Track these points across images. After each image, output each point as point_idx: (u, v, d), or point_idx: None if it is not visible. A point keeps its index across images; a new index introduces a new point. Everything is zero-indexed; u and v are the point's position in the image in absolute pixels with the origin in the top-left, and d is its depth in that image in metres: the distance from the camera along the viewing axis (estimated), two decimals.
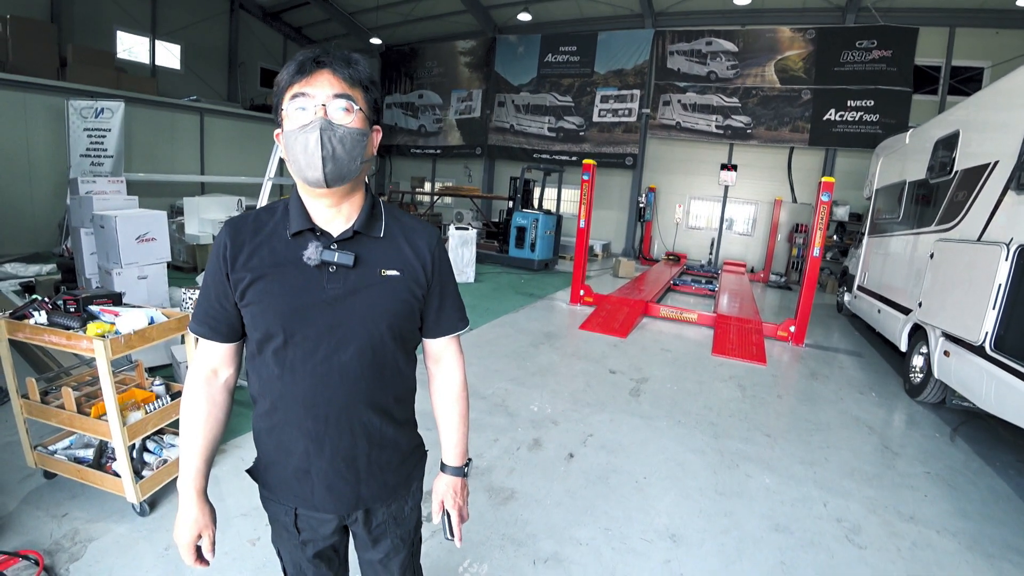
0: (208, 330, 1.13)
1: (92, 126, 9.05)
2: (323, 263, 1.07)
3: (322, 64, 1.02)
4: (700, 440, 3.75)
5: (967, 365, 3.91)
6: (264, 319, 1.07)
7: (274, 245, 1.09)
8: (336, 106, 1.02)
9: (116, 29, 12.50)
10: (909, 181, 6.06)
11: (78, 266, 5.43)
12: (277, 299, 1.06)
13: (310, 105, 1.01)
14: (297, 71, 1.02)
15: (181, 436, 1.15)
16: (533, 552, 2.45)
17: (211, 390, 1.16)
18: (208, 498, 1.17)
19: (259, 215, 1.14)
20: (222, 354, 1.16)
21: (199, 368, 1.16)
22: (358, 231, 1.10)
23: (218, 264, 1.09)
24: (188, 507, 1.12)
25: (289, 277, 1.07)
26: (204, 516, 1.14)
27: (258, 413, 1.17)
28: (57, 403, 2.60)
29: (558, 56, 14.27)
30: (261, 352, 1.10)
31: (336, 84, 1.02)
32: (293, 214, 1.10)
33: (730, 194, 13.13)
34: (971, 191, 4.39)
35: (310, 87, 1.01)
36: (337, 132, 1.01)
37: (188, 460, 1.13)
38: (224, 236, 1.10)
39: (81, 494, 2.62)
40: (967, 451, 3.95)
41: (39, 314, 2.52)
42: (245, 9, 15.40)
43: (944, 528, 2.92)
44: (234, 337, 1.15)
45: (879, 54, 10.84)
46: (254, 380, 1.15)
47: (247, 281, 1.07)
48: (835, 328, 7.83)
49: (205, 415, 1.14)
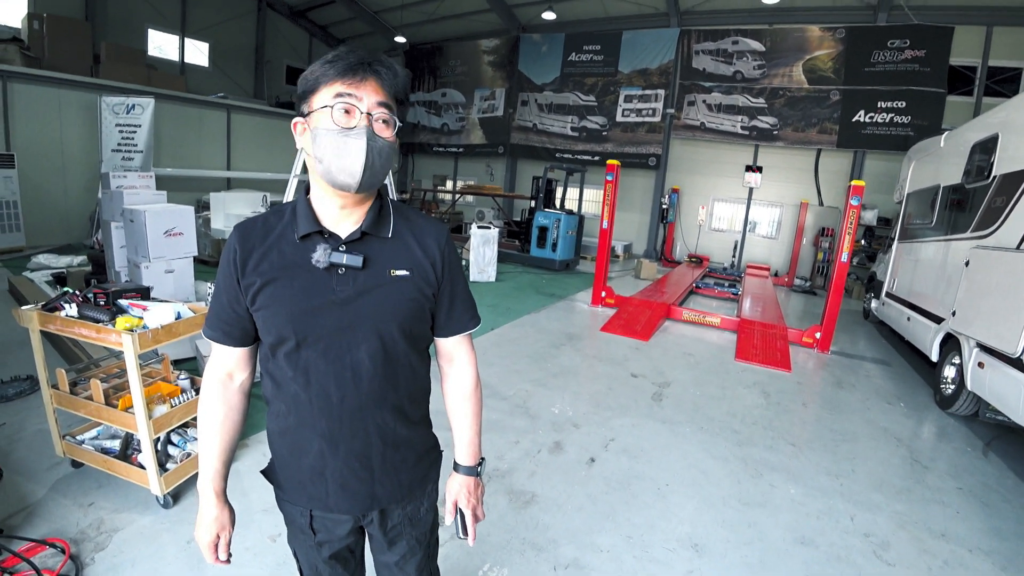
0: (222, 335, 1.14)
1: (123, 122, 9.26)
2: (332, 265, 1.06)
3: (376, 70, 1.01)
4: (723, 447, 3.68)
5: (1003, 377, 3.77)
6: (276, 323, 1.07)
7: (283, 248, 1.08)
8: (379, 116, 1.02)
9: (147, 27, 12.78)
10: (943, 185, 5.88)
11: (108, 259, 5.55)
12: (288, 302, 1.06)
13: (355, 110, 1.00)
14: (346, 70, 0.99)
15: (199, 439, 1.17)
16: (553, 558, 2.42)
17: (227, 393, 1.17)
18: (227, 499, 1.19)
19: (267, 218, 1.13)
20: (236, 358, 1.17)
21: (214, 372, 1.17)
22: (366, 232, 1.10)
23: (228, 270, 1.09)
24: (208, 508, 1.15)
25: (299, 280, 1.06)
26: (223, 516, 1.17)
27: (272, 415, 1.18)
28: (86, 394, 2.65)
29: (582, 55, 14.16)
30: (274, 355, 1.11)
31: (381, 94, 1.02)
32: (301, 217, 1.09)
33: (754, 196, 12.90)
34: (1010, 197, 4.23)
35: (357, 90, 1.00)
36: (378, 143, 1.02)
37: (207, 462, 1.15)
38: (233, 241, 1.10)
39: (107, 484, 2.67)
40: (1001, 467, 3.81)
41: (70, 307, 2.56)
42: (272, 7, 15.62)
43: (977, 547, 2.81)
44: (248, 341, 1.15)
45: (912, 54, 10.53)
46: (268, 382, 1.15)
47: (258, 286, 1.07)
48: (861, 335, 7.64)
49: (222, 418, 1.16)
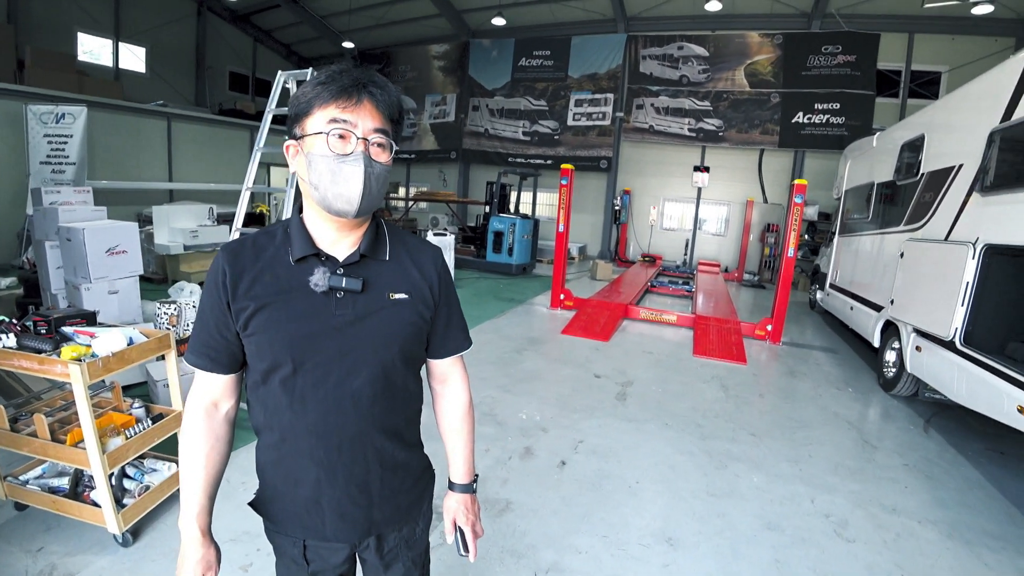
0: (208, 362, 1.07)
1: (52, 132, 8.69)
2: (331, 289, 1.02)
3: (371, 92, 0.98)
4: (688, 442, 3.80)
5: (938, 359, 4.06)
6: (271, 348, 1.02)
7: (277, 271, 1.03)
8: (375, 141, 0.99)
9: (77, 31, 12.06)
10: (877, 182, 6.26)
11: (43, 281, 5.19)
12: (284, 327, 1.01)
13: (351, 135, 0.97)
14: (340, 92, 0.96)
15: (182, 472, 1.10)
16: (534, 563, 2.43)
17: (212, 424, 1.11)
18: (213, 536, 1.12)
19: (257, 239, 1.08)
20: (222, 386, 1.11)
21: (198, 401, 1.10)
22: (364, 254, 1.07)
23: (217, 293, 1.03)
24: (192, 547, 1.07)
25: (296, 304, 1.02)
26: (210, 555, 1.09)
27: (263, 445, 1.12)
28: (28, 431, 2.46)
29: (532, 60, 14.32)
30: (267, 382, 1.05)
31: (377, 118, 0.99)
32: (295, 238, 1.05)
33: (703, 195, 13.38)
34: (937, 192, 4.56)
35: (352, 115, 0.97)
36: (375, 170, 0.99)
37: (190, 497, 1.08)
38: (222, 262, 1.04)
39: (56, 526, 2.48)
40: (941, 442, 4.10)
41: (7, 337, 2.38)
42: (213, 11, 15.03)
43: (925, 518, 3.03)
44: (235, 368, 1.10)
45: (843, 59, 11.20)
46: (258, 411, 1.09)
47: (251, 310, 1.01)
48: (809, 325, 8.03)
49: (208, 450, 1.09)
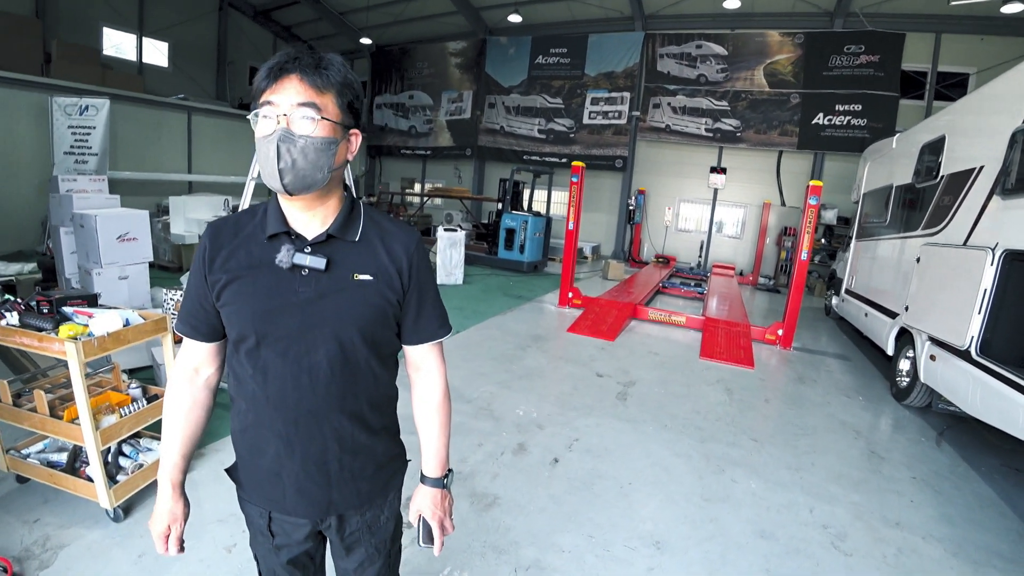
0: (190, 329, 1.16)
1: (76, 123, 8.91)
2: (295, 266, 1.06)
3: (288, 70, 1.00)
4: (686, 445, 3.73)
5: (953, 369, 3.93)
6: (238, 320, 1.09)
7: (251, 247, 1.10)
8: (299, 115, 1.00)
9: (102, 26, 12.33)
10: (896, 185, 6.11)
11: (58, 266, 5.33)
12: (250, 300, 1.07)
13: (273, 114, 1.00)
14: (265, 77, 1.00)
15: (163, 430, 1.19)
16: (515, 560, 2.41)
17: (192, 388, 1.20)
18: (184, 492, 1.21)
19: (240, 218, 1.15)
20: (203, 353, 1.19)
21: (182, 366, 1.20)
22: (332, 235, 1.10)
23: (198, 266, 1.12)
24: (163, 499, 1.17)
25: (262, 279, 1.08)
26: (177, 508, 1.19)
27: (234, 413, 1.19)
28: (30, 406, 2.53)
29: (549, 58, 14.26)
30: (237, 352, 1.12)
31: (303, 92, 1.00)
32: (271, 217, 1.11)
33: (719, 197, 13.19)
34: (957, 196, 4.42)
35: (275, 95, 1.00)
36: (297, 143, 0.99)
37: (167, 453, 1.18)
38: (205, 238, 1.13)
39: (54, 499, 2.56)
40: (953, 456, 3.96)
41: (11, 315, 2.45)
42: (235, 7, 15.26)
43: (929, 534, 2.92)
44: (215, 337, 1.17)
45: (867, 59, 10.94)
46: (232, 380, 1.17)
47: (223, 282, 1.08)
48: (823, 331, 7.87)
49: (186, 411, 1.18)
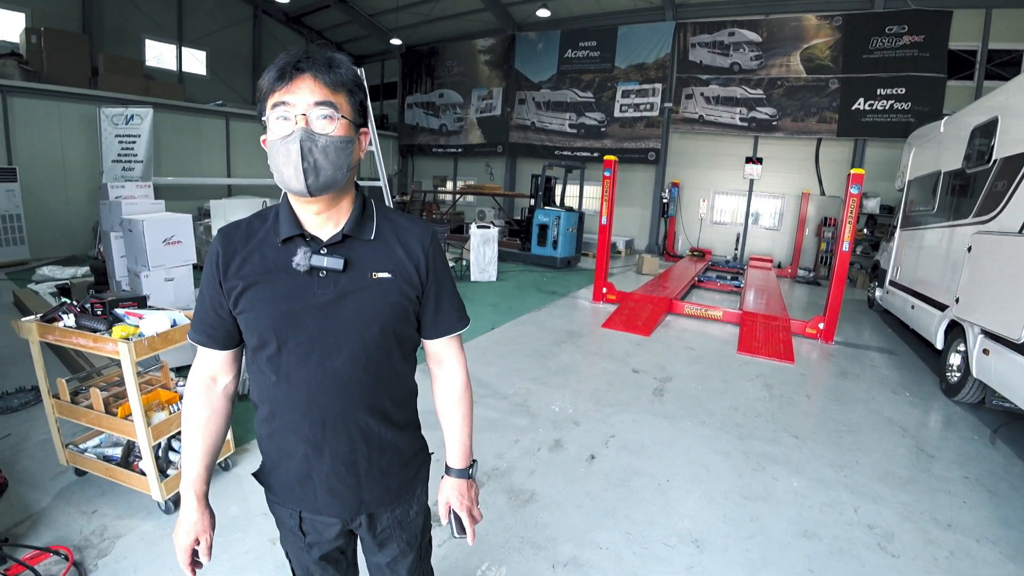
0: (205, 338, 1.15)
1: (123, 132, 9.32)
2: (312, 268, 1.06)
3: (302, 69, 0.99)
4: (725, 441, 3.66)
5: (1008, 364, 3.73)
6: (257, 326, 1.08)
7: (265, 252, 1.09)
8: (317, 114, 1.00)
9: (144, 38, 12.86)
10: (944, 171, 5.83)
11: (109, 269, 5.59)
12: (268, 306, 1.06)
13: (291, 114, 0.99)
14: (277, 78, 0.99)
15: (183, 442, 1.17)
16: (552, 556, 2.41)
17: (210, 397, 1.18)
18: (209, 503, 1.18)
19: (251, 222, 1.13)
20: (220, 361, 1.18)
21: (198, 375, 1.18)
22: (348, 235, 1.09)
23: (212, 273, 1.10)
24: (188, 511, 1.14)
25: (280, 284, 1.07)
26: (203, 520, 1.16)
27: (259, 419, 1.18)
28: (86, 403, 2.67)
29: (578, 52, 14.13)
30: (256, 359, 1.11)
31: (318, 91, 1.00)
32: (283, 220, 1.10)
33: (756, 188, 12.83)
34: (1011, 181, 4.19)
35: (290, 95, 0.99)
36: (319, 142, 0.99)
37: (189, 465, 1.15)
38: (216, 245, 1.10)
39: (110, 491, 2.69)
40: (1008, 454, 3.77)
41: (68, 317, 2.58)
42: (268, 14, 15.69)
43: (984, 536, 2.78)
44: (231, 344, 1.16)
45: (910, 39, 10.43)
46: (253, 386, 1.16)
47: (239, 289, 1.07)
48: (866, 324, 7.58)
49: (204, 421, 1.16)
